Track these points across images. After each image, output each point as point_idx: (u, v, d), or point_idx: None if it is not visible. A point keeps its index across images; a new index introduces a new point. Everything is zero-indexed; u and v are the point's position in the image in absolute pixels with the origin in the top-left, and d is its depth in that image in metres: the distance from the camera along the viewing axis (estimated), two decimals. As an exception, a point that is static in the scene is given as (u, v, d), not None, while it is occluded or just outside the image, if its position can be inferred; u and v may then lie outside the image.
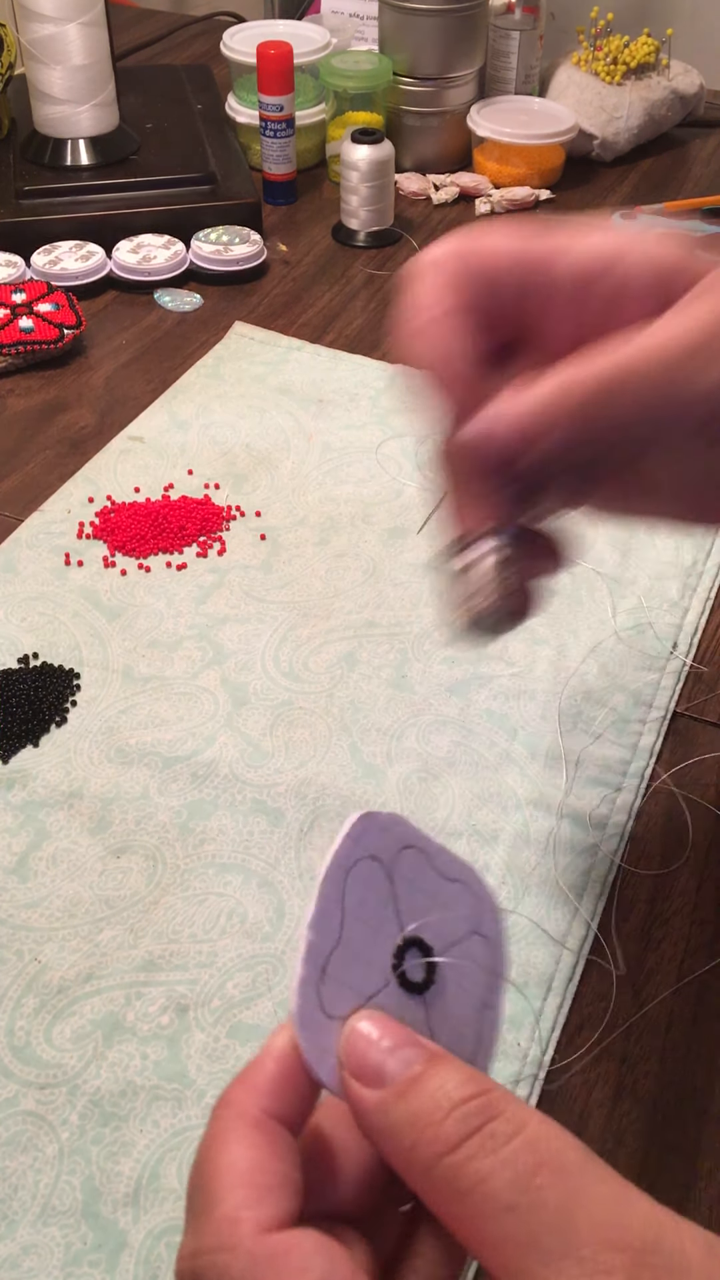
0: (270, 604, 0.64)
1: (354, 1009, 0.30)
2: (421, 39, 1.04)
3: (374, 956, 0.32)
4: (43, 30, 0.91)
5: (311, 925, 0.30)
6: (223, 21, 1.33)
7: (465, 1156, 0.27)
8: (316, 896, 0.31)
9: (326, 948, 0.31)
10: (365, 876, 0.32)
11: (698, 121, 1.18)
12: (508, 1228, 0.26)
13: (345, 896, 0.31)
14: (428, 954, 0.32)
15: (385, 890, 0.32)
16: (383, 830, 0.32)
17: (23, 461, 0.75)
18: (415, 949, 0.32)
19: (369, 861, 0.32)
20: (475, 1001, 0.33)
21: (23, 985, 0.47)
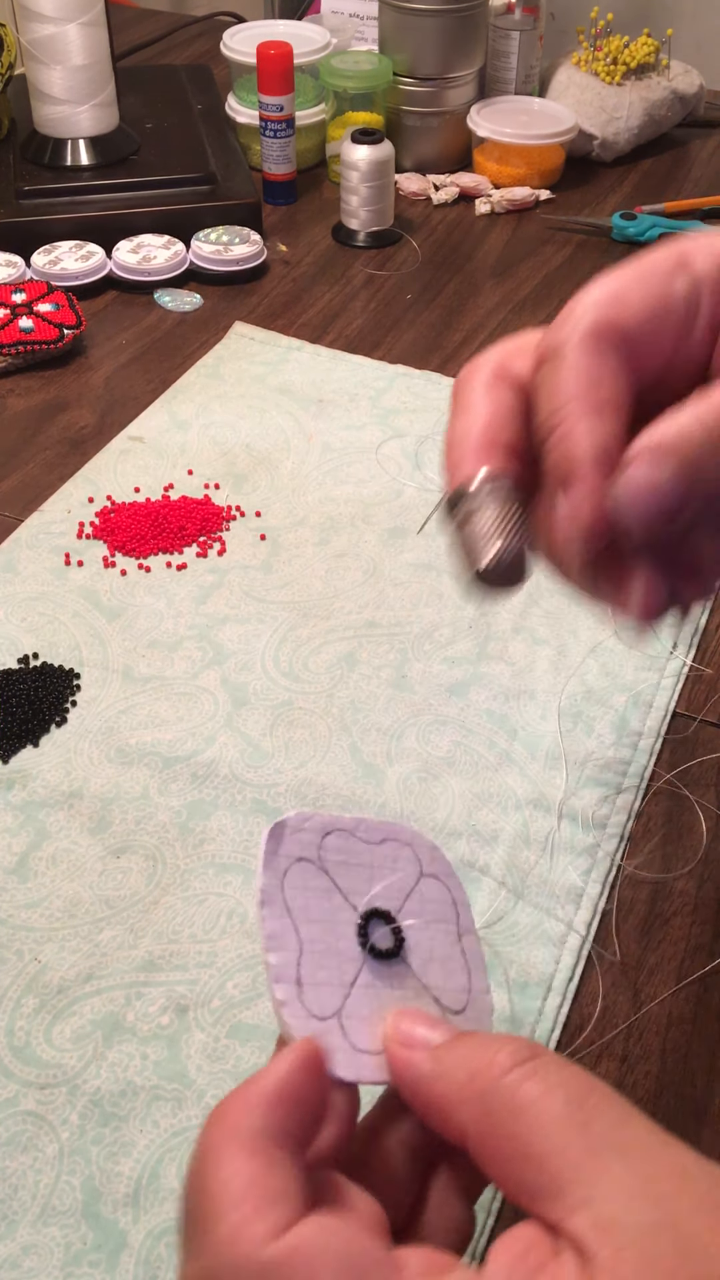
0: (270, 604, 0.64)
1: (342, 1000, 0.31)
2: (421, 39, 1.04)
3: (339, 946, 0.32)
4: (43, 30, 0.91)
5: (268, 949, 0.31)
6: (223, 21, 1.33)
7: (522, 1077, 0.28)
8: (262, 920, 0.32)
9: (291, 962, 0.31)
10: (300, 880, 0.33)
11: (698, 122, 1.18)
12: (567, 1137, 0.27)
13: (290, 907, 0.32)
14: (389, 920, 0.34)
15: (323, 882, 0.33)
16: (296, 831, 0.33)
17: (23, 461, 0.75)
18: (377, 920, 0.33)
19: (298, 864, 0.33)
20: (451, 935, 0.34)
21: (23, 985, 0.47)
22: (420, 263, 0.97)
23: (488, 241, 1.00)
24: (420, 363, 0.84)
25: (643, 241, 0.98)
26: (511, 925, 0.50)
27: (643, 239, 0.98)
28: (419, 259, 0.97)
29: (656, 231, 0.98)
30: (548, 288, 0.94)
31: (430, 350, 0.86)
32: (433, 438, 0.76)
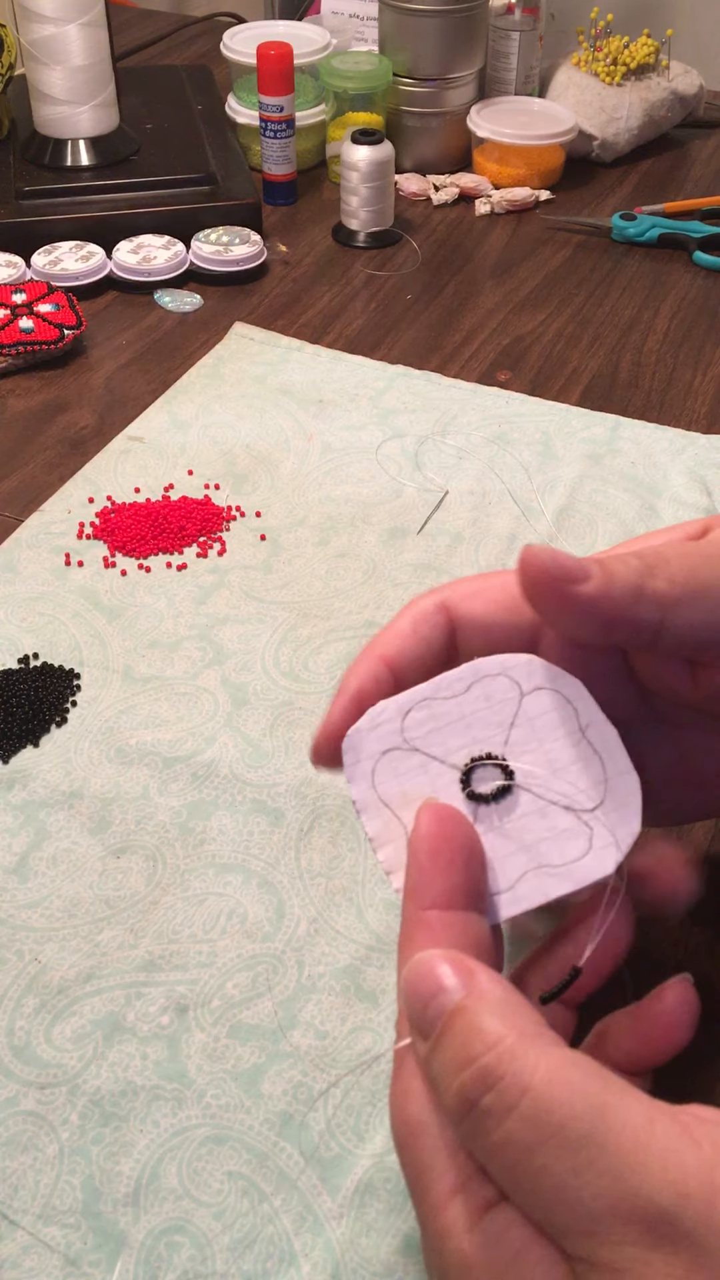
0: (270, 604, 0.64)
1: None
2: (421, 40, 1.04)
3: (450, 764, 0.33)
4: (43, 31, 0.91)
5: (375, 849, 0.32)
6: (223, 22, 1.33)
7: (467, 1134, 0.27)
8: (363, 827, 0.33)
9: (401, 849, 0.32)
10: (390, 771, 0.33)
11: (698, 122, 1.18)
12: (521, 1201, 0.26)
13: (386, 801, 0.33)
14: (500, 766, 0.33)
15: (416, 760, 0.33)
16: (372, 729, 0.33)
17: (23, 462, 0.75)
18: (483, 766, 0.33)
19: (384, 758, 0.33)
20: (573, 734, 0.32)
21: (23, 985, 0.47)
22: (420, 263, 0.97)
23: (488, 242, 1.00)
24: (420, 363, 0.84)
25: (642, 242, 0.98)
26: (511, 925, 0.50)
27: (642, 239, 0.98)
28: (419, 259, 0.97)
29: (656, 232, 0.98)
30: (548, 288, 0.94)
31: (430, 350, 0.86)
32: (432, 438, 0.76)
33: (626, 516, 0.70)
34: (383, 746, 0.33)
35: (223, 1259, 0.40)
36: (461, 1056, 0.27)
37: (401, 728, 0.33)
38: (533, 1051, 0.26)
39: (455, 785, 0.32)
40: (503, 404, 0.80)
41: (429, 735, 0.33)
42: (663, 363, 0.85)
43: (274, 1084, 0.44)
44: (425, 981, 0.28)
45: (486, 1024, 0.27)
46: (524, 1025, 0.27)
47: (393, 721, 0.33)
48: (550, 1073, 0.26)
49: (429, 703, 0.33)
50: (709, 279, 0.95)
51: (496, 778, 0.32)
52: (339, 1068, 0.45)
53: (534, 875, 0.32)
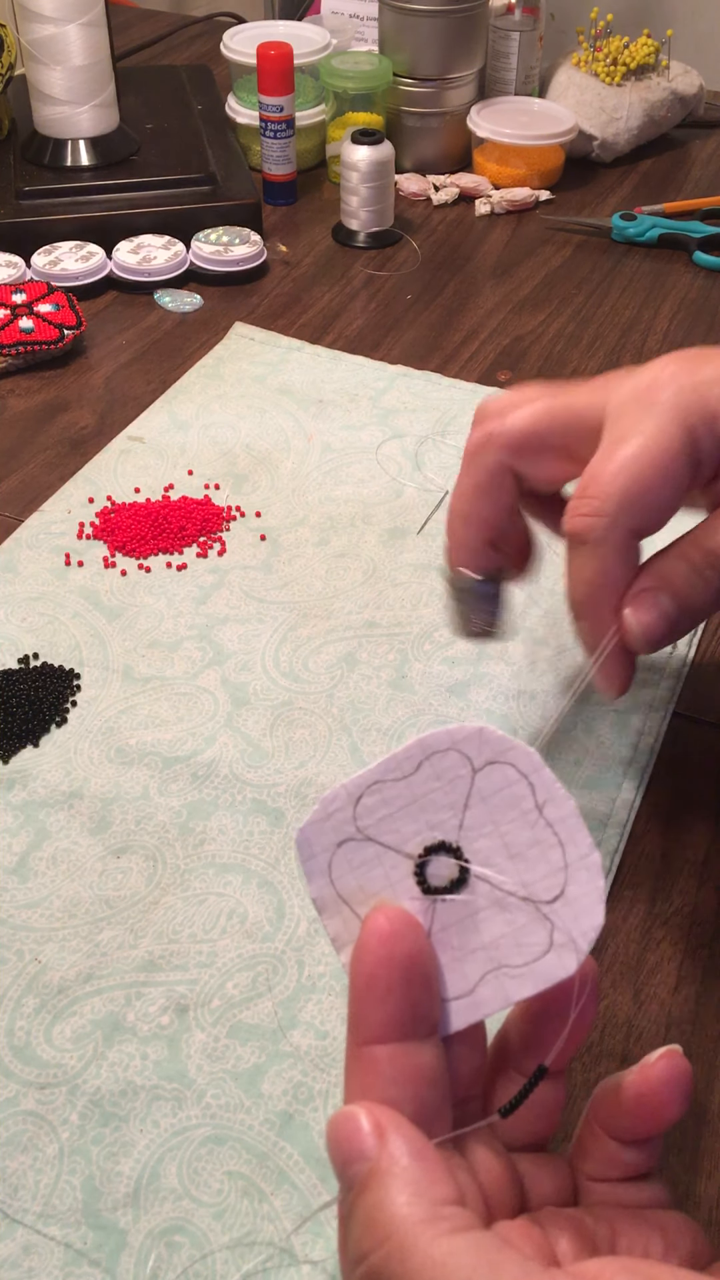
0: (270, 604, 0.65)
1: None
2: (421, 40, 1.04)
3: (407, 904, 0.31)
4: (43, 31, 0.91)
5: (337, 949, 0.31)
6: (223, 22, 1.33)
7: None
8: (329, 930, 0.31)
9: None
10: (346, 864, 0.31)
11: (697, 122, 1.18)
12: None
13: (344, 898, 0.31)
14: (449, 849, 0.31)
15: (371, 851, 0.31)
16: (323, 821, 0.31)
17: (23, 462, 0.75)
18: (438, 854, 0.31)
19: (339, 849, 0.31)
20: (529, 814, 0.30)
21: (23, 985, 0.47)
22: (420, 263, 0.97)
23: (488, 242, 1.00)
24: (420, 363, 0.84)
25: (642, 242, 0.98)
26: (511, 925, 0.50)
27: (642, 239, 0.98)
28: (419, 259, 0.97)
29: (656, 232, 0.98)
30: (548, 288, 0.94)
31: (430, 350, 0.86)
32: (432, 438, 0.76)
33: (626, 516, 0.70)
34: (338, 838, 0.31)
35: (223, 1259, 0.40)
36: (366, 1239, 0.27)
37: (354, 815, 0.31)
38: (423, 1244, 0.26)
39: (410, 877, 0.31)
40: (503, 404, 0.80)
41: (381, 822, 0.31)
42: (663, 363, 0.85)
43: (274, 1084, 0.44)
44: (348, 1141, 0.28)
45: (384, 1211, 0.27)
46: (420, 1213, 0.27)
47: (345, 810, 0.31)
48: (444, 1257, 0.26)
49: (380, 786, 0.31)
50: (709, 279, 0.95)
51: (451, 868, 0.31)
52: (338, 1068, 0.45)
53: (494, 977, 0.30)
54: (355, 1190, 0.27)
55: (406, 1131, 0.28)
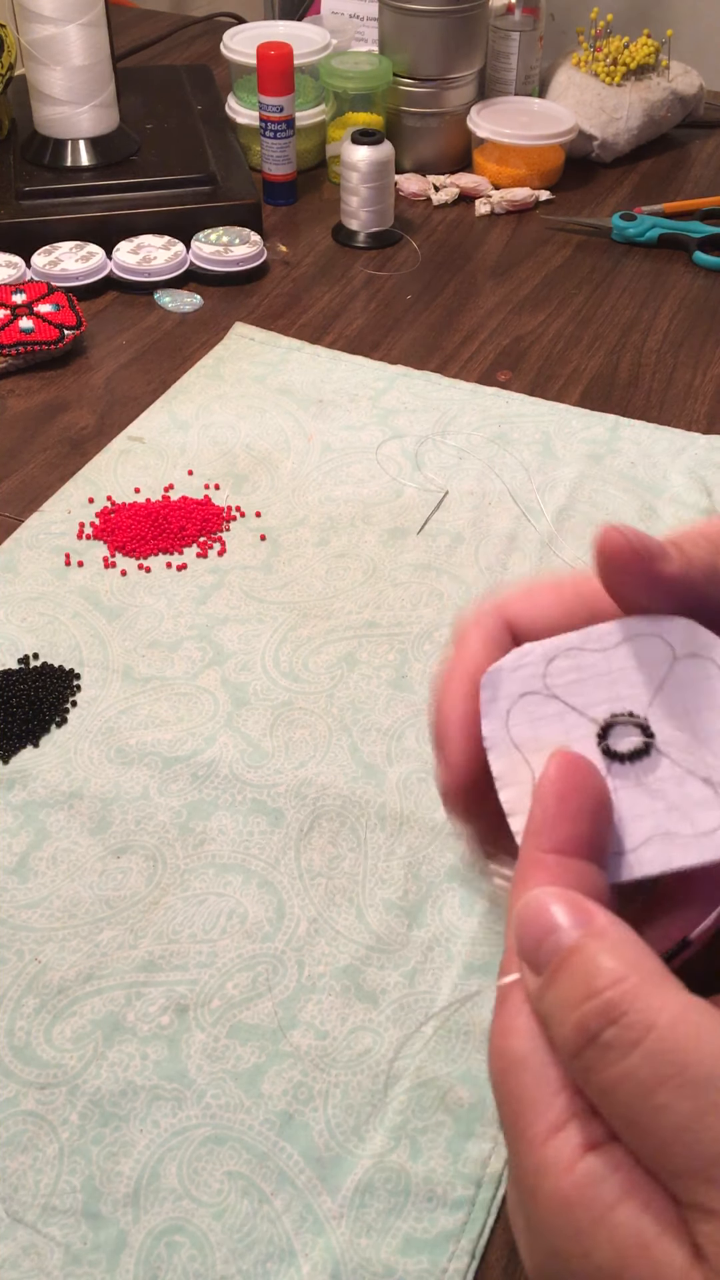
0: (270, 604, 0.64)
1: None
2: (421, 40, 1.04)
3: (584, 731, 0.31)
4: (43, 31, 0.91)
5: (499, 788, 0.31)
6: (223, 22, 1.33)
7: (584, 1068, 0.26)
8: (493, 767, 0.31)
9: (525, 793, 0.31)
10: (526, 714, 0.32)
11: (697, 122, 1.18)
12: (634, 1142, 0.25)
13: (517, 743, 0.31)
14: (642, 727, 0.31)
15: (554, 708, 0.32)
16: (515, 670, 0.32)
17: (23, 462, 0.75)
18: (622, 724, 0.31)
19: (522, 700, 0.32)
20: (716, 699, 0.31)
21: (23, 985, 0.47)
22: (420, 263, 0.97)
23: (488, 242, 1.00)
24: (420, 363, 0.84)
25: (642, 242, 0.98)
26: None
27: (642, 239, 0.98)
28: (419, 259, 0.97)
29: (656, 232, 0.98)
30: (547, 288, 0.94)
31: (430, 350, 0.86)
32: (432, 438, 0.76)
33: (626, 517, 0.70)
34: (522, 689, 0.32)
35: (223, 1259, 0.40)
36: (581, 991, 0.26)
37: (544, 673, 0.32)
38: (658, 992, 0.26)
39: (591, 739, 0.31)
40: (503, 404, 0.80)
41: (571, 685, 0.32)
42: (663, 363, 0.85)
43: (274, 1084, 0.44)
44: (541, 916, 0.28)
45: (607, 962, 0.26)
46: (648, 967, 0.26)
47: (537, 665, 0.32)
48: (677, 1014, 0.25)
49: (575, 652, 0.32)
50: (709, 279, 0.95)
51: (635, 738, 0.31)
52: (338, 1068, 0.45)
53: (660, 841, 0.31)
54: (559, 959, 0.27)
55: (607, 912, 0.28)
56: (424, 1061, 0.45)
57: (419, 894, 0.51)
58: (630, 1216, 0.25)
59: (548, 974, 0.27)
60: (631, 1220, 0.25)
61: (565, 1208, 0.26)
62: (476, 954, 0.49)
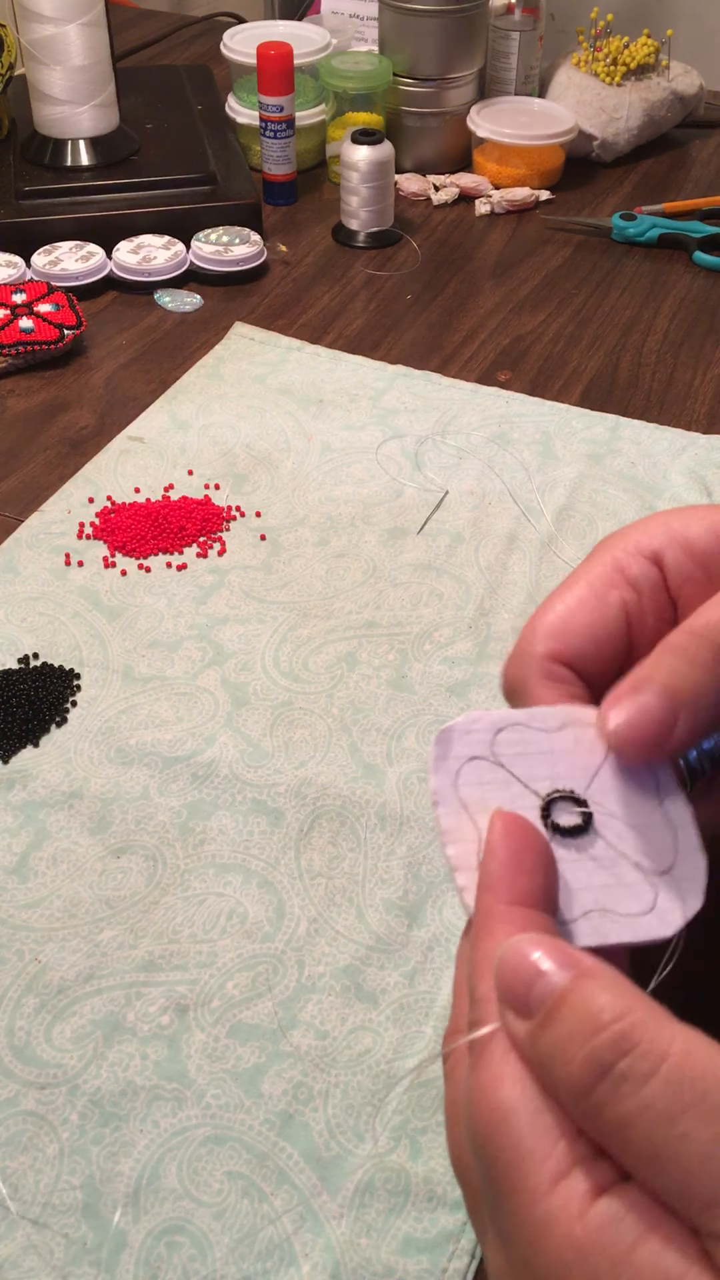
0: (270, 604, 0.64)
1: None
2: (421, 40, 1.04)
3: None
4: (43, 31, 0.91)
5: (445, 843, 0.32)
6: (223, 22, 1.33)
7: (597, 1104, 0.25)
8: (438, 819, 0.33)
9: (470, 851, 0.32)
10: (474, 776, 0.33)
11: (698, 122, 1.18)
12: (655, 1175, 0.24)
13: (465, 802, 0.33)
14: (576, 801, 0.33)
15: (499, 775, 0.33)
16: (466, 733, 0.34)
17: (23, 462, 0.75)
18: (562, 802, 0.33)
19: (470, 763, 0.33)
20: (651, 802, 0.34)
21: (23, 985, 0.47)
22: (420, 263, 0.97)
23: (488, 242, 1.00)
24: (420, 363, 0.84)
25: (642, 242, 0.98)
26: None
27: (642, 239, 0.98)
28: (419, 259, 0.97)
29: (656, 232, 0.98)
30: (548, 288, 0.94)
31: (430, 350, 0.86)
32: (432, 438, 0.76)
33: (626, 516, 0.70)
34: (472, 752, 0.33)
35: (223, 1259, 0.40)
36: (587, 1027, 0.25)
37: (493, 741, 0.34)
38: (664, 1023, 0.26)
39: (535, 811, 0.33)
40: (503, 404, 0.80)
41: (516, 757, 0.34)
42: (663, 363, 0.85)
43: (274, 1084, 0.44)
44: (525, 962, 0.27)
45: (607, 999, 0.26)
46: (646, 1002, 0.26)
47: (486, 733, 0.34)
48: (688, 1042, 0.25)
49: (522, 728, 0.34)
50: (709, 279, 0.95)
51: (575, 815, 0.33)
52: (338, 1068, 0.45)
53: (596, 916, 0.32)
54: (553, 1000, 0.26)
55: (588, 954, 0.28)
56: (424, 1061, 0.45)
57: (419, 894, 0.51)
58: (653, 1255, 0.24)
59: (542, 1017, 0.26)
60: (654, 1258, 0.24)
61: (580, 1257, 0.25)
62: (476, 954, 0.49)
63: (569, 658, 0.37)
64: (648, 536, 0.37)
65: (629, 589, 0.37)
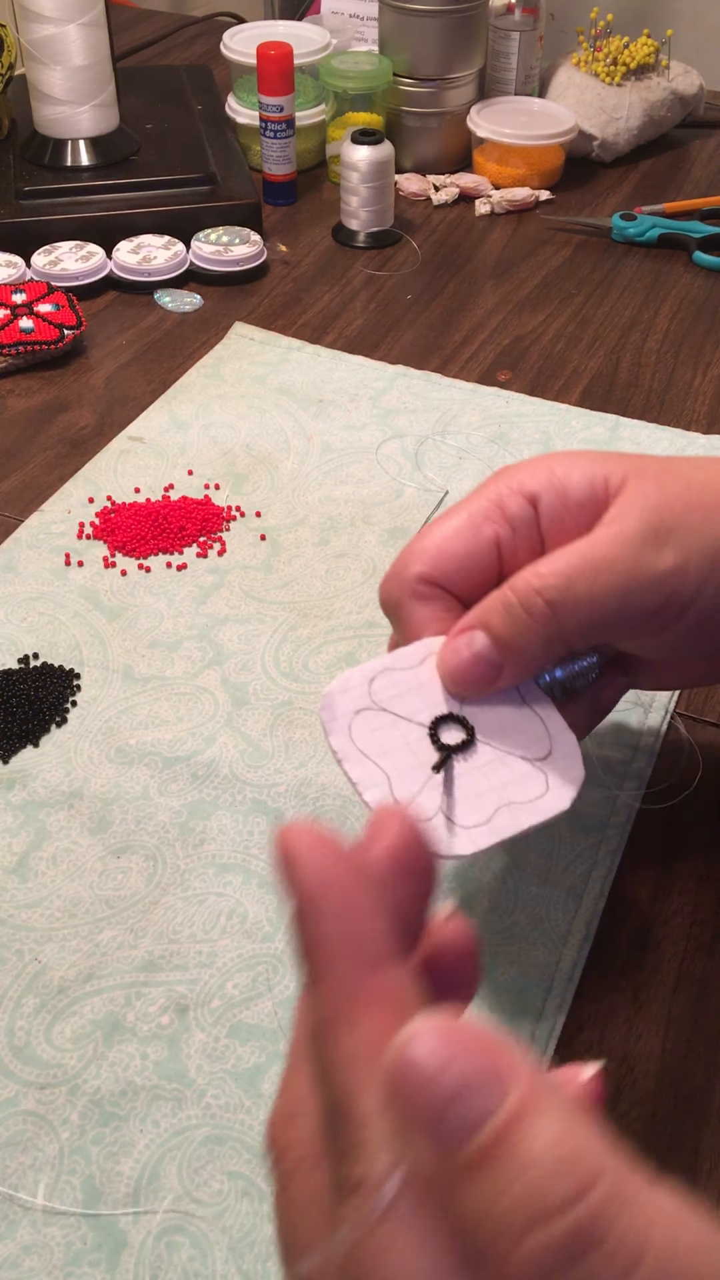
0: (270, 604, 0.65)
1: (440, 798, 0.37)
2: (421, 40, 1.04)
3: (421, 759, 0.37)
4: (43, 31, 0.91)
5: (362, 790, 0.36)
6: (223, 22, 1.33)
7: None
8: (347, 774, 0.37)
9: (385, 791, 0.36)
10: (365, 727, 0.37)
11: (698, 122, 1.18)
12: None
13: (364, 751, 0.37)
14: (455, 719, 0.38)
15: (385, 719, 0.37)
16: (344, 692, 0.38)
17: (23, 462, 0.75)
18: (445, 723, 0.38)
19: (358, 716, 0.37)
20: (515, 703, 0.39)
21: (23, 985, 0.47)
22: (420, 263, 0.97)
23: (488, 242, 1.00)
24: (420, 363, 0.84)
25: (642, 242, 0.98)
26: (511, 925, 0.50)
27: (642, 239, 0.98)
28: (419, 259, 0.97)
29: (656, 232, 0.98)
30: (547, 288, 0.94)
31: (430, 350, 0.86)
32: (432, 438, 0.76)
33: (626, 516, 0.70)
34: (355, 707, 0.37)
35: (223, 1259, 0.40)
36: (537, 1203, 0.18)
37: (369, 691, 0.38)
38: (639, 1194, 0.20)
39: (425, 739, 0.37)
40: (503, 404, 0.80)
41: (394, 699, 0.38)
42: (663, 363, 0.85)
43: (274, 1084, 0.44)
44: (439, 1072, 0.19)
45: (561, 1154, 0.19)
46: (609, 1150, 0.20)
47: (361, 686, 0.38)
48: (671, 1226, 0.19)
49: (389, 672, 0.38)
50: (709, 279, 0.95)
51: (460, 733, 0.38)
52: (339, 1068, 0.45)
53: (506, 810, 0.37)
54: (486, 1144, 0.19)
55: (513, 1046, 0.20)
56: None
57: (419, 894, 0.51)
58: None
59: (470, 1159, 0.19)
60: None
61: None
62: (476, 954, 0.49)
63: (439, 581, 0.40)
64: (530, 477, 0.41)
65: (505, 524, 0.40)
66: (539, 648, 0.38)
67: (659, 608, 0.38)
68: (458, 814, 0.36)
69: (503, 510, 0.40)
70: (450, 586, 0.40)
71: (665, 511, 0.38)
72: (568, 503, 0.40)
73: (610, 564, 0.38)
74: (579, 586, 0.38)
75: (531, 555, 0.40)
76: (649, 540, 0.38)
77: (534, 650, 0.38)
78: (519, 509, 0.40)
